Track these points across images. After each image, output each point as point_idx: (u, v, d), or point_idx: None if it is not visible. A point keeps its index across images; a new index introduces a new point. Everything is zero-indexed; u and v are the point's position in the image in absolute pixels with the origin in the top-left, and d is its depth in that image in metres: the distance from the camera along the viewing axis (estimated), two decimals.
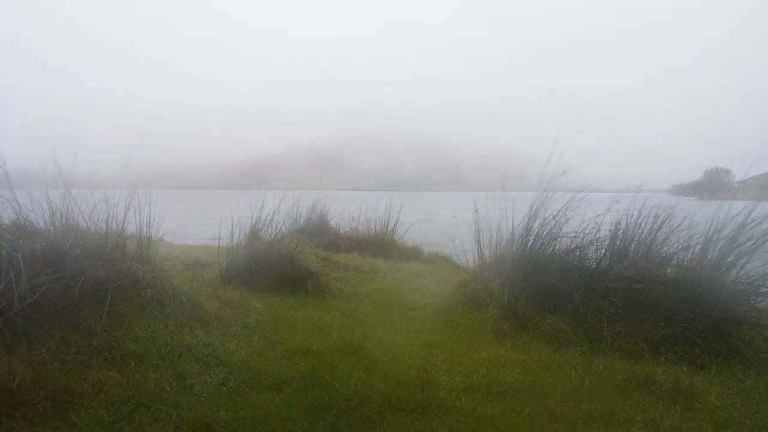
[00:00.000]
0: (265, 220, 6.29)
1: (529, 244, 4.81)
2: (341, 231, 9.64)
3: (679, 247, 4.78)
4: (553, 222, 4.87)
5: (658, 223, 5.08)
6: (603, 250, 4.88)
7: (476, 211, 5.76)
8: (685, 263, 4.57)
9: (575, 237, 4.93)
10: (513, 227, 5.05)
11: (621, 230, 4.96)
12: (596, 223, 5.02)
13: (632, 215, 5.06)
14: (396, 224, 10.01)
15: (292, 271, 5.75)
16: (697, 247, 4.46)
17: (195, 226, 17.12)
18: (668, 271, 4.74)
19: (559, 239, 4.90)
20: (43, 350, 2.64)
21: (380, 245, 9.34)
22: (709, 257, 4.27)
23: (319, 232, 9.09)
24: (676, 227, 5.03)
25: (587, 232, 4.98)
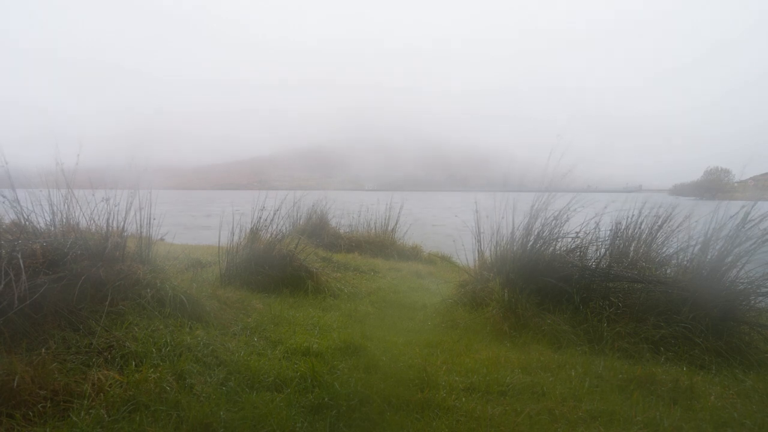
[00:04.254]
0: (265, 220, 6.29)
1: (529, 244, 4.81)
2: (341, 231, 9.64)
3: (679, 247, 4.79)
4: (554, 222, 4.87)
5: (658, 223, 5.08)
6: (603, 250, 4.89)
7: (477, 212, 5.76)
8: (685, 263, 4.58)
9: (575, 237, 4.93)
10: (513, 227, 5.05)
11: (621, 230, 4.96)
12: (596, 223, 5.03)
13: (632, 215, 5.06)
14: (396, 224, 10.01)
15: (292, 271, 5.75)
16: (697, 247, 4.47)
17: (195, 225, 17.12)
18: (668, 271, 4.74)
19: (559, 239, 4.90)
20: (43, 350, 2.64)
21: (380, 245, 9.33)
22: (709, 257, 4.27)
23: (319, 232, 9.09)
24: (677, 227, 5.04)
25: (587, 232, 4.98)
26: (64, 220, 3.88)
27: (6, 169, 3.82)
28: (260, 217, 6.25)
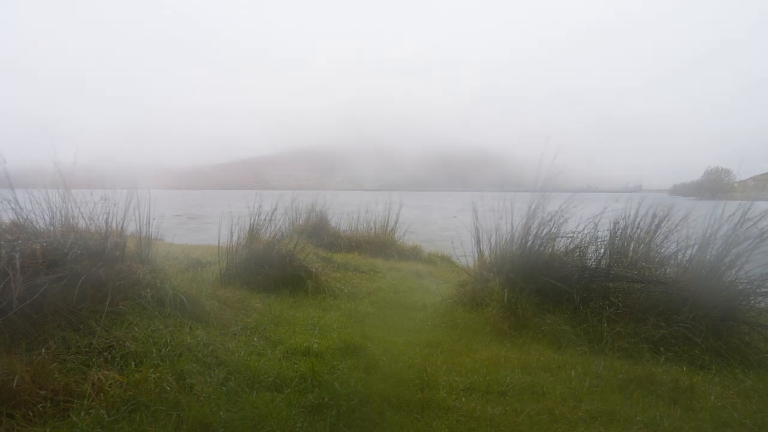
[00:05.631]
0: (265, 220, 6.29)
1: (528, 244, 4.81)
2: (341, 231, 9.64)
3: (679, 247, 4.79)
4: (551, 222, 4.87)
5: (656, 222, 5.08)
6: (602, 250, 4.89)
7: (475, 211, 5.76)
8: (685, 263, 4.58)
9: (575, 237, 4.93)
10: (512, 227, 5.05)
11: (620, 230, 4.96)
12: (595, 223, 5.03)
13: (630, 215, 5.06)
14: (396, 224, 10.01)
15: (292, 271, 5.75)
16: (696, 247, 4.47)
17: (194, 225, 17.12)
18: (668, 271, 4.74)
19: (558, 239, 4.90)
20: (43, 350, 2.64)
21: (380, 245, 9.34)
22: (708, 257, 4.27)
23: (319, 232, 9.09)
24: (675, 227, 5.04)
25: (586, 232, 4.98)
26: (64, 220, 3.88)
27: (4, 168, 3.81)
28: (259, 216, 6.25)
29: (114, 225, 3.98)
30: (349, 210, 10.27)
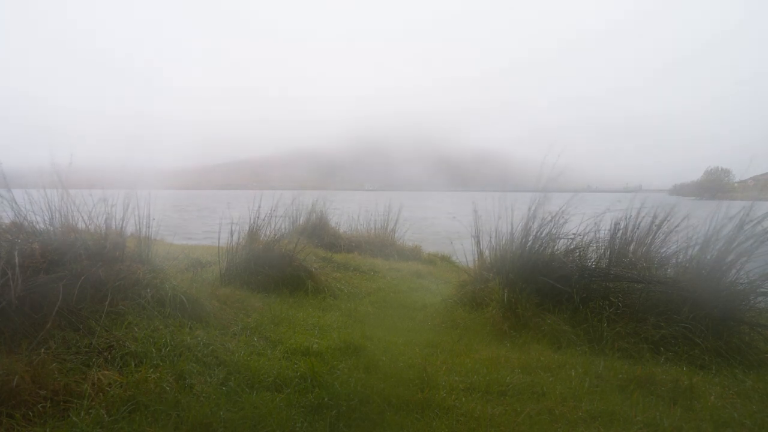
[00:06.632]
0: (264, 220, 6.29)
1: (528, 245, 4.81)
2: (341, 231, 9.63)
3: (679, 247, 4.79)
4: (552, 222, 4.86)
5: (656, 223, 5.08)
6: (602, 250, 4.89)
7: (475, 211, 5.75)
8: (685, 263, 4.58)
9: (575, 237, 4.93)
10: (512, 227, 5.05)
11: (620, 230, 4.96)
12: (595, 223, 5.02)
13: (631, 215, 5.06)
14: (395, 224, 10.01)
15: (291, 271, 5.75)
16: (697, 247, 4.47)
17: (194, 225, 17.13)
18: (668, 271, 4.74)
19: (558, 240, 4.89)
20: (43, 350, 2.64)
21: (380, 245, 9.33)
22: (709, 257, 4.27)
23: (319, 232, 9.08)
24: (675, 227, 5.04)
25: (586, 232, 4.98)
26: (63, 220, 3.88)
27: (1, 168, 3.82)
28: (259, 217, 6.25)
29: (114, 225, 3.98)
30: (349, 210, 10.28)
